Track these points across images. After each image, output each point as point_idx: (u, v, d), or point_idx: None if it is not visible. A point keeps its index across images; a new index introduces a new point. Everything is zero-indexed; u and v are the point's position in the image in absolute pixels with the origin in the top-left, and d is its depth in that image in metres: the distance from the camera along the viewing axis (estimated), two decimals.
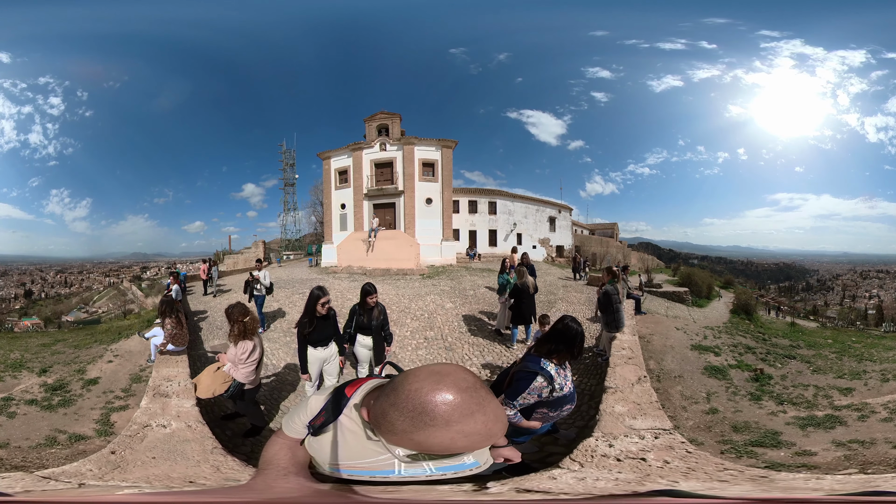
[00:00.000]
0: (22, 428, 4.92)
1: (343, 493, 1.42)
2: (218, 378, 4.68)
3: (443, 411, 1.07)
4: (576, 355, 3.19)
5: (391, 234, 23.09)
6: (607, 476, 2.80)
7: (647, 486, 2.54)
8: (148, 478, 3.09)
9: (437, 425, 1.07)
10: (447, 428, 1.07)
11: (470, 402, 1.08)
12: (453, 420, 1.07)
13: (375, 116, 24.57)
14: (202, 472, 3.14)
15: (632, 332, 7.38)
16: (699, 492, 2.17)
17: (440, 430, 1.07)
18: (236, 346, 4.69)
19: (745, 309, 13.87)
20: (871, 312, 30.44)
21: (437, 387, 1.09)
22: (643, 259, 32.90)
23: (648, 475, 2.79)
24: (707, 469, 2.79)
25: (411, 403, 1.10)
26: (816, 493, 2.02)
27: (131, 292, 27.51)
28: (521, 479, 2.31)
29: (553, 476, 2.73)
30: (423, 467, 1.39)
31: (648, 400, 4.25)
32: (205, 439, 3.83)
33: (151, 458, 3.45)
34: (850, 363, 7.66)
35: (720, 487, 2.42)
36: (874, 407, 5.22)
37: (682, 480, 2.63)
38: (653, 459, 3.02)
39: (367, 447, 1.40)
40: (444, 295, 13.49)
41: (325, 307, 4.91)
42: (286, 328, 9.55)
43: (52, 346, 9.41)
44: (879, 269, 35.89)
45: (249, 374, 4.76)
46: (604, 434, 3.49)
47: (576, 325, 3.25)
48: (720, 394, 5.91)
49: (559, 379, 3.14)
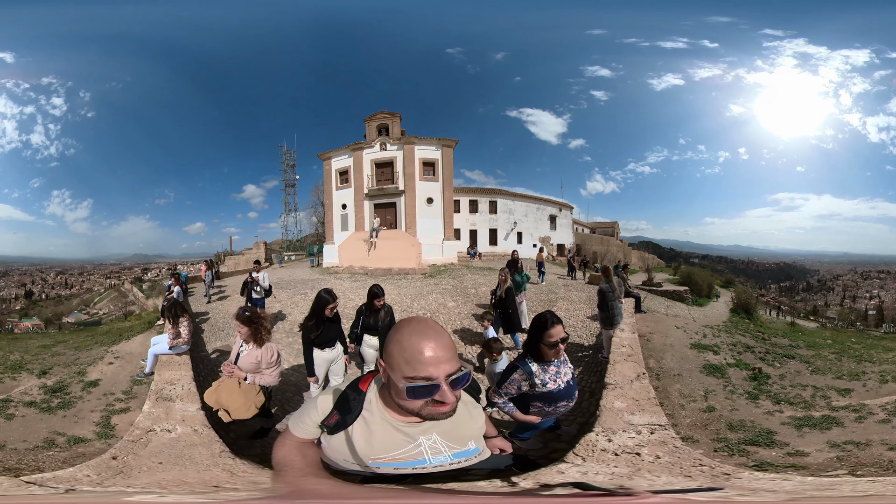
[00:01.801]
0: (19, 430, 4.88)
1: (366, 487, 1.46)
2: (249, 392, 4.26)
3: (427, 347, 1.33)
4: (549, 344, 3.18)
5: (392, 233, 23.11)
6: (605, 470, 2.83)
7: (627, 482, 2.57)
8: (159, 483, 3.04)
9: (424, 363, 1.31)
10: (436, 366, 1.32)
11: (450, 350, 1.37)
12: (439, 359, 1.32)
13: (375, 116, 24.58)
14: (217, 476, 3.10)
15: (631, 330, 7.42)
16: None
17: (427, 367, 1.31)
18: (261, 350, 4.39)
19: (745, 308, 13.88)
20: (871, 313, 30.38)
21: (421, 335, 1.37)
22: (644, 258, 32.88)
23: (639, 469, 2.83)
24: (683, 465, 2.84)
25: (403, 346, 1.36)
26: (775, 497, 2.05)
27: (132, 294, 27.53)
28: (535, 474, 2.34)
29: (561, 471, 2.76)
30: (443, 454, 1.49)
31: (646, 396, 4.33)
32: (212, 443, 3.78)
33: (158, 463, 3.38)
34: (850, 364, 7.66)
35: (679, 483, 2.48)
36: (872, 408, 5.21)
37: (663, 476, 2.67)
38: (646, 454, 3.08)
39: (395, 439, 1.46)
40: (445, 294, 13.52)
41: (332, 311, 4.89)
42: (288, 329, 9.55)
43: (52, 348, 9.41)
44: (880, 269, 35.80)
45: (277, 376, 4.56)
46: (604, 429, 3.55)
47: (548, 315, 3.28)
48: (718, 392, 5.92)
49: (542, 375, 3.25)
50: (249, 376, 4.35)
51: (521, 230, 27.64)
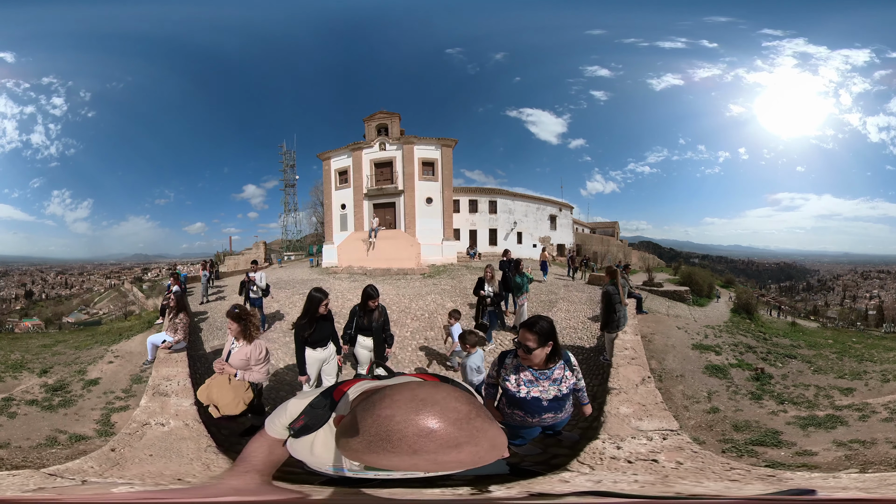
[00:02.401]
0: (22, 428, 4.93)
1: (300, 491, 1.45)
2: (238, 389, 4.33)
3: (413, 441, 0.95)
4: (516, 344, 3.17)
5: (391, 233, 23.08)
6: (623, 478, 2.75)
7: (671, 487, 2.52)
8: (142, 475, 3.13)
9: (398, 453, 0.96)
10: (413, 456, 0.95)
11: (458, 434, 0.96)
12: (427, 450, 0.95)
13: (375, 116, 24.55)
14: (192, 470, 3.18)
15: (634, 332, 7.35)
16: (716, 493, 2.16)
17: (402, 457, 0.96)
18: (251, 346, 4.48)
19: (746, 308, 13.86)
20: (871, 313, 30.38)
21: (414, 416, 0.97)
22: (644, 258, 32.87)
23: (667, 477, 2.75)
24: (714, 469, 2.77)
25: (376, 428, 0.98)
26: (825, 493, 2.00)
27: (132, 294, 27.51)
28: (528, 483, 2.29)
29: (564, 479, 2.71)
30: None
31: (654, 401, 4.21)
32: (200, 438, 3.87)
33: (148, 455, 3.50)
34: (851, 363, 7.65)
35: (736, 487, 2.41)
36: (875, 407, 5.20)
37: (703, 481, 2.60)
38: (664, 461, 2.99)
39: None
40: (445, 294, 13.48)
41: (325, 308, 4.90)
42: (286, 329, 9.53)
43: (52, 347, 9.41)
44: (881, 269, 35.80)
45: (266, 373, 4.64)
46: (610, 436, 3.45)
47: (531, 319, 3.23)
48: (721, 393, 5.90)
49: (507, 373, 3.25)
50: (239, 373, 4.43)
51: (522, 230, 27.60)
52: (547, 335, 3.11)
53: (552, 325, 3.17)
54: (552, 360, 3.21)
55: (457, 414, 0.98)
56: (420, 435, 0.95)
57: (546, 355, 3.17)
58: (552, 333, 3.14)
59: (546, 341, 3.11)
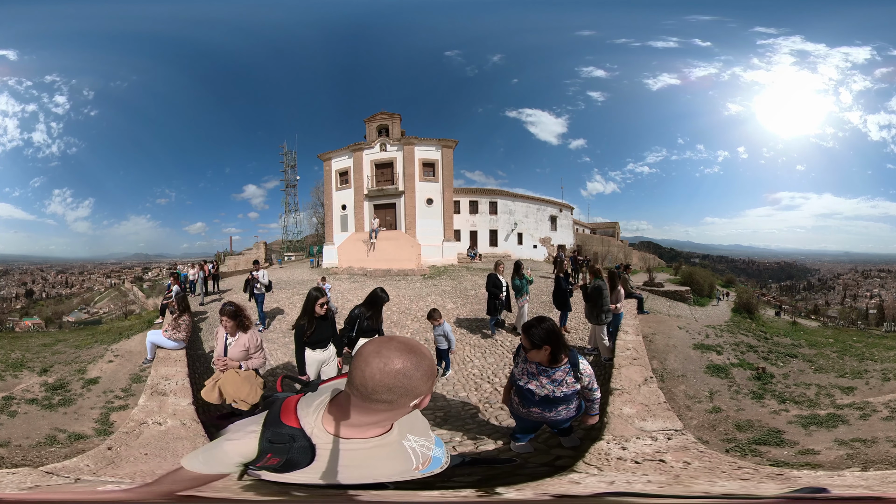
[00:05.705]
0: (22, 427, 4.92)
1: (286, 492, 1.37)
2: (251, 379, 4.39)
3: (373, 348, 1.20)
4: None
5: (392, 234, 23.07)
6: (634, 479, 2.73)
7: (686, 487, 2.49)
8: (134, 474, 3.12)
9: (366, 355, 1.18)
10: (377, 356, 1.17)
11: (403, 347, 1.20)
12: (381, 353, 1.17)
13: (375, 117, 24.55)
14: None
15: (635, 332, 7.35)
16: (737, 493, 2.15)
17: (371, 358, 1.17)
18: (247, 335, 4.57)
19: (747, 308, 13.86)
20: (872, 312, 30.35)
21: (377, 347, 1.21)
22: (645, 258, 32.87)
23: (678, 477, 2.73)
24: (723, 468, 2.76)
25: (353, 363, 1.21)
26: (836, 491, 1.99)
27: (132, 293, 27.54)
28: (537, 484, 2.28)
29: (574, 480, 2.69)
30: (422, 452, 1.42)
31: (657, 401, 4.19)
32: (196, 437, 3.87)
33: (143, 454, 3.50)
34: (852, 362, 7.64)
35: (751, 487, 2.40)
36: (876, 406, 5.19)
37: (717, 481, 2.57)
38: (672, 461, 2.97)
39: (385, 456, 1.35)
40: (445, 295, 13.47)
41: (323, 307, 4.88)
42: (285, 329, 9.54)
43: (52, 346, 9.41)
44: (881, 268, 35.80)
45: (263, 359, 4.76)
46: (614, 437, 3.43)
47: (531, 321, 3.31)
48: (723, 392, 5.89)
49: (521, 364, 3.43)
50: (242, 364, 4.51)
51: (522, 231, 27.60)
52: (542, 340, 3.15)
53: (550, 330, 3.18)
54: (557, 361, 3.24)
55: (407, 343, 1.24)
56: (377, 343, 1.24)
57: (548, 356, 3.21)
58: (549, 338, 3.16)
59: (541, 345, 3.16)
